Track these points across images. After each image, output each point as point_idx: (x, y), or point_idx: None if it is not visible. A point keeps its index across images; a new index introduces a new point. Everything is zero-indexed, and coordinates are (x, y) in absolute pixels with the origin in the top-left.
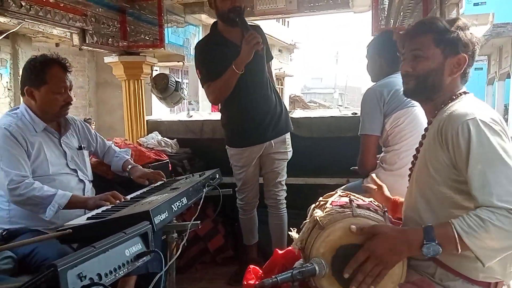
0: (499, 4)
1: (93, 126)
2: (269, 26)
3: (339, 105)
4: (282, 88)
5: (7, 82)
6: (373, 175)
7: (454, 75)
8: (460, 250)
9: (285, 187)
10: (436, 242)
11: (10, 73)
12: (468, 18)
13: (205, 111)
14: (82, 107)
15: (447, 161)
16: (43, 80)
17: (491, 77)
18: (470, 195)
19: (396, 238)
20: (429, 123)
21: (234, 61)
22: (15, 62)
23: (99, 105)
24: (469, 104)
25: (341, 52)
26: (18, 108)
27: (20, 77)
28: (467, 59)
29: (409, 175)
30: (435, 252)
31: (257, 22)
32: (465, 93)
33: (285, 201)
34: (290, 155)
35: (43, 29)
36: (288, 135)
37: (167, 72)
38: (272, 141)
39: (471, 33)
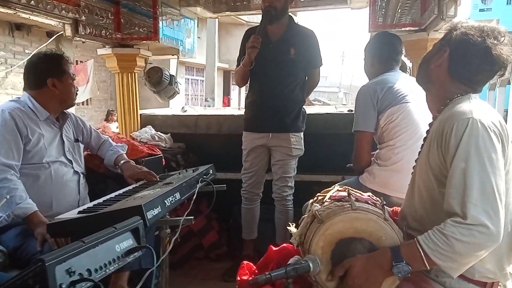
0: (504, 11)
1: (115, 118)
2: None
3: (344, 104)
4: None
5: None
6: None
7: (434, 65)
8: (428, 267)
9: (291, 185)
10: (404, 262)
11: None
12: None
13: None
14: (104, 100)
15: (440, 161)
16: (63, 70)
17: (493, 83)
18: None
19: (367, 266)
20: (433, 118)
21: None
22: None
23: None
24: (472, 105)
25: (347, 51)
26: (20, 97)
27: None
28: (447, 51)
29: (412, 172)
30: (405, 271)
31: (253, 16)
32: (466, 93)
33: (291, 199)
34: (297, 152)
35: None
36: (294, 135)
37: (183, 69)
38: (270, 133)
39: (464, 32)
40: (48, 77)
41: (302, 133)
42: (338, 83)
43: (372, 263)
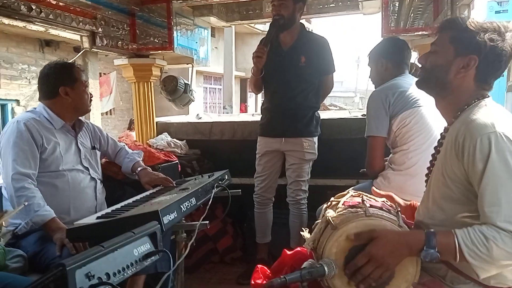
0: None
1: None
2: None
3: (360, 109)
4: None
5: None
6: (374, 188)
7: (460, 75)
8: (458, 261)
9: (304, 189)
10: (436, 249)
11: None
12: None
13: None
14: (126, 109)
15: (461, 173)
16: (75, 78)
17: (511, 84)
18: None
19: (397, 241)
20: (449, 123)
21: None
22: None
23: None
24: (490, 114)
25: (362, 56)
26: (36, 108)
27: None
28: (477, 60)
29: (426, 181)
30: (432, 258)
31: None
32: (483, 97)
33: (305, 203)
34: (310, 156)
35: None
36: (307, 139)
37: (201, 79)
38: (283, 138)
39: (490, 37)
40: (60, 86)
41: (315, 138)
42: (353, 88)
43: (403, 241)
